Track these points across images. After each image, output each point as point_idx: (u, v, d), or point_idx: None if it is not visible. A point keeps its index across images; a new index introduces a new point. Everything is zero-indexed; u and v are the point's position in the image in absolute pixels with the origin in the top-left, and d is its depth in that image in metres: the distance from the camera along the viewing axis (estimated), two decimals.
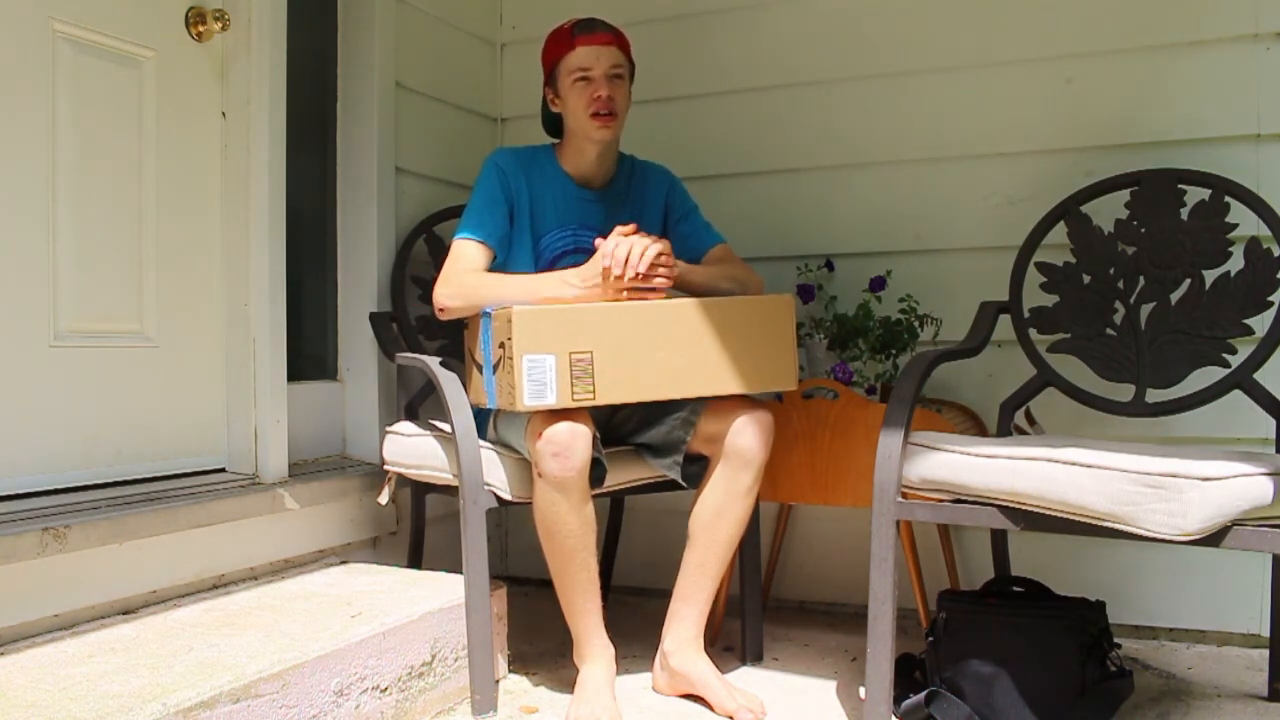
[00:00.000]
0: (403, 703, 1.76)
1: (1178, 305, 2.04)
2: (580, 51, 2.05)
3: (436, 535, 2.37)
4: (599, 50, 2.05)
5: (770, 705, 1.89)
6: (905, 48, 2.49)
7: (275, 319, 2.15)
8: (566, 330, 1.78)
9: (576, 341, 1.78)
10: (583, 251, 2.06)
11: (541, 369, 1.75)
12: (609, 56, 2.06)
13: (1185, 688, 1.99)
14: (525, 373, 1.75)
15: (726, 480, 1.93)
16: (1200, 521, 1.44)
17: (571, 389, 1.77)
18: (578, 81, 2.05)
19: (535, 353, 1.75)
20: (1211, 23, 2.22)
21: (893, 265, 2.43)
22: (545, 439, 1.76)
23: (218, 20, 2.09)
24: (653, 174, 2.24)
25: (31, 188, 1.81)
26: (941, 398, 2.40)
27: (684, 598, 1.96)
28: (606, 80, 2.05)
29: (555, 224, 2.10)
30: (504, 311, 1.79)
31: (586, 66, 2.04)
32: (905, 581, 2.05)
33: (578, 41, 2.05)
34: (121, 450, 1.97)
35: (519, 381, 1.74)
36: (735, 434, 1.91)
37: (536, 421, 1.79)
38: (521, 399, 1.75)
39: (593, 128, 2.05)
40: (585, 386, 1.77)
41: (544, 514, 1.81)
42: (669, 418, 1.99)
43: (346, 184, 2.48)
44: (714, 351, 1.88)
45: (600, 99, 2.03)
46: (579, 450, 1.76)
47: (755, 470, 1.93)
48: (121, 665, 1.49)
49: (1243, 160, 2.17)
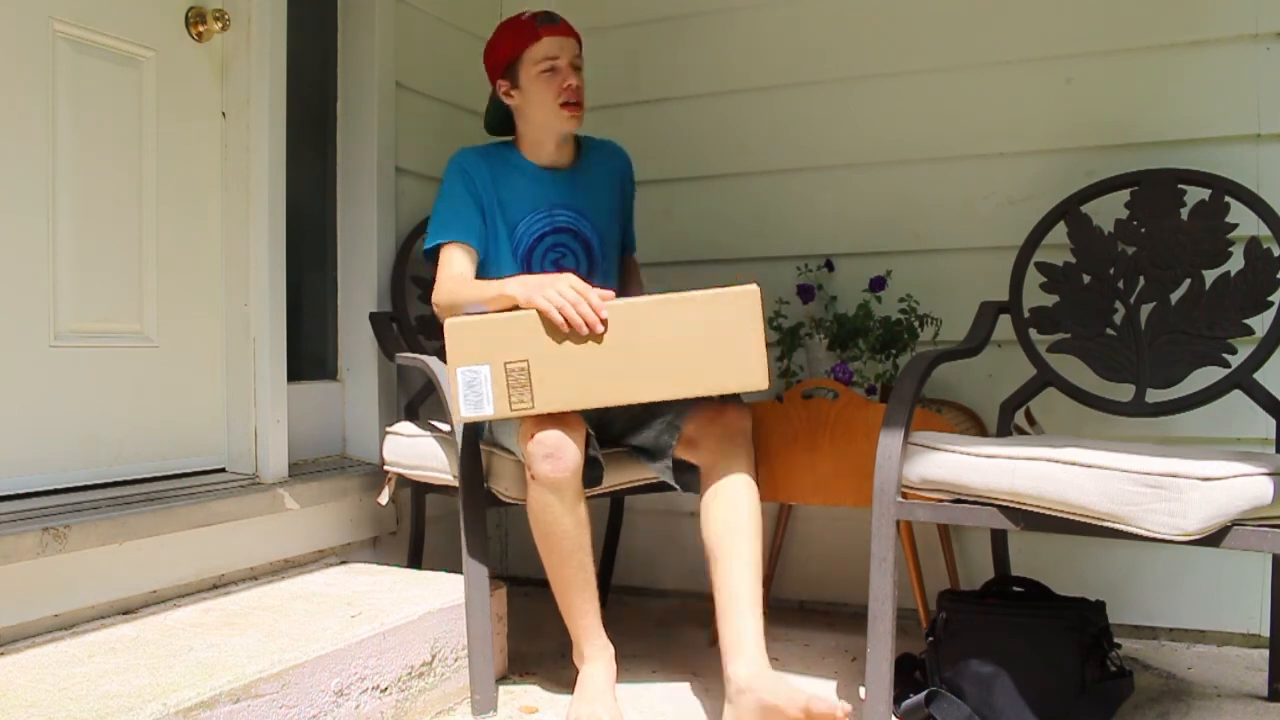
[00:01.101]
0: (403, 703, 1.76)
1: (1178, 305, 2.04)
2: (546, 41, 2.04)
3: (436, 535, 2.37)
4: (563, 41, 2.06)
5: None
6: (905, 48, 2.49)
7: (275, 319, 2.15)
8: (499, 340, 1.73)
9: (511, 351, 1.73)
10: (561, 230, 2.10)
11: (476, 380, 1.72)
12: (571, 47, 2.07)
13: (1185, 688, 1.99)
14: (460, 385, 1.72)
15: (720, 492, 1.87)
16: (1200, 521, 1.44)
17: (509, 399, 1.73)
18: (545, 72, 2.04)
19: (468, 364, 1.72)
20: (1211, 23, 2.22)
21: (893, 265, 2.43)
22: (536, 441, 1.75)
23: (218, 20, 2.09)
24: (612, 151, 2.26)
25: (31, 188, 1.81)
26: (941, 398, 2.40)
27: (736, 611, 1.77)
28: (573, 70, 2.06)
29: (529, 208, 2.10)
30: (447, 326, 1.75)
31: (554, 55, 2.04)
32: (905, 581, 2.05)
33: (543, 32, 2.05)
34: (121, 450, 1.97)
35: (456, 394, 1.72)
36: (711, 441, 1.88)
37: (528, 424, 1.78)
38: (458, 410, 1.73)
39: (563, 117, 2.06)
40: (522, 396, 1.73)
41: (538, 516, 1.80)
42: (655, 421, 1.98)
43: (346, 184, 2.48)
44: (667, 352, 1.76)
45: (571, 88, 2.04)
46: (570, 452, 1.75)
47: (741, 473, 1.88)
48: (121, 665, 1.49)
49: (1243, 160, 2.17)
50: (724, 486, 1.88)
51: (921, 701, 1.74)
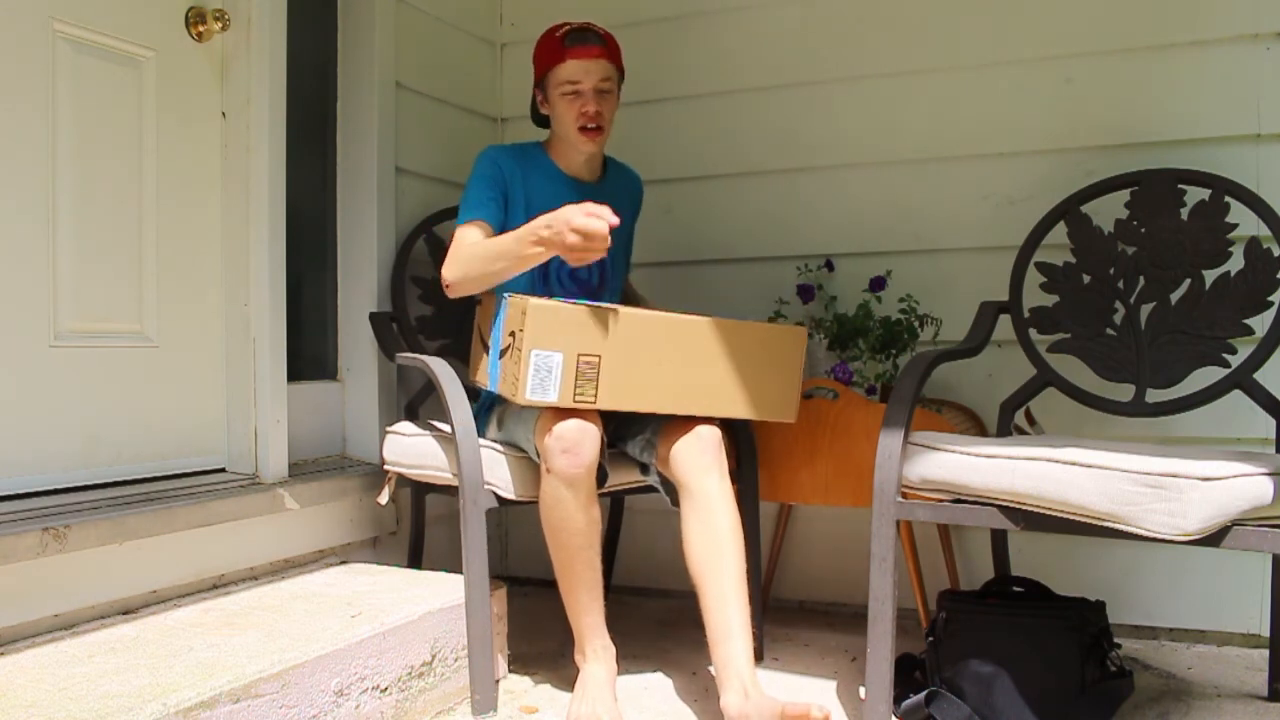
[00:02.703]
0: (403, 703, 1.76)
1: (1178, 305, 2.04)
2: (570, 65, 2.06)
3: (436, 535, 2.37)
4: (589, 65, 2.07)
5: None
6: (906, 48, 2.49)
7: (275, 319, 2.15)
8: (578, 331, 1.77)
9: (587, 343, 1.77)
10: None
11: (548, 366, 1.75)
12: (598, 70, 2.07)
13: (1185, 688, 1.99)
14: (531, 367, 1.74)
15: (695, 515, 1.84)
16: (1200, 521, 1.44)
17: (574, 390, 1.76)
18: (566, 94, 2.07)
19: (544, 349, 1.75)
20: (1211, 23, 2.22)
21: (893, 265, 2.43)
22: (555, 435, 1.76)
23: (218, 20, 2.09)
24: (633, 177, 2.31)
25: (32, 188, 1.81)
26: (941, 398, 2.40)
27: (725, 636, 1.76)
28: (595, 95, 2.07)
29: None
30: (520, 301, 1.77)
31: (576, 80, 2.06)
32: (905, 581, 2.05)
33: (568, 54, 2.07)
34: (121, 450, 1.97)
35: (524, 375, 1.74)
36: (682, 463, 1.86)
37: (546, 418, 1.80)
38: (524, 392, 1.74)
39: (580, 141, 2.09)
40: (588, 390, 1.77)
41: (550, 510, 1.81)
42: (633, 440, 1.99)
43: (346, 184, 2.48)
44: (721, 372, 1.87)
45: (588, 114, 2.06)
46: (588, 448, 1.76)
47: (714, 492, 1.84)
48: (121, 665, 1.49)
49: (1243, 160, 2.17)
50: (700, 505, 1.84)
51: (921, 701, 1.74)
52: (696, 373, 1.86)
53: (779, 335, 1.94)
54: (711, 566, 1.81)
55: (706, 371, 1.86)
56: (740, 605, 1.79)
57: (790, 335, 1.95)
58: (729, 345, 1.87)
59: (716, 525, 1.83)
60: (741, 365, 1.88)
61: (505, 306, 1.85)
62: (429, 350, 2.40)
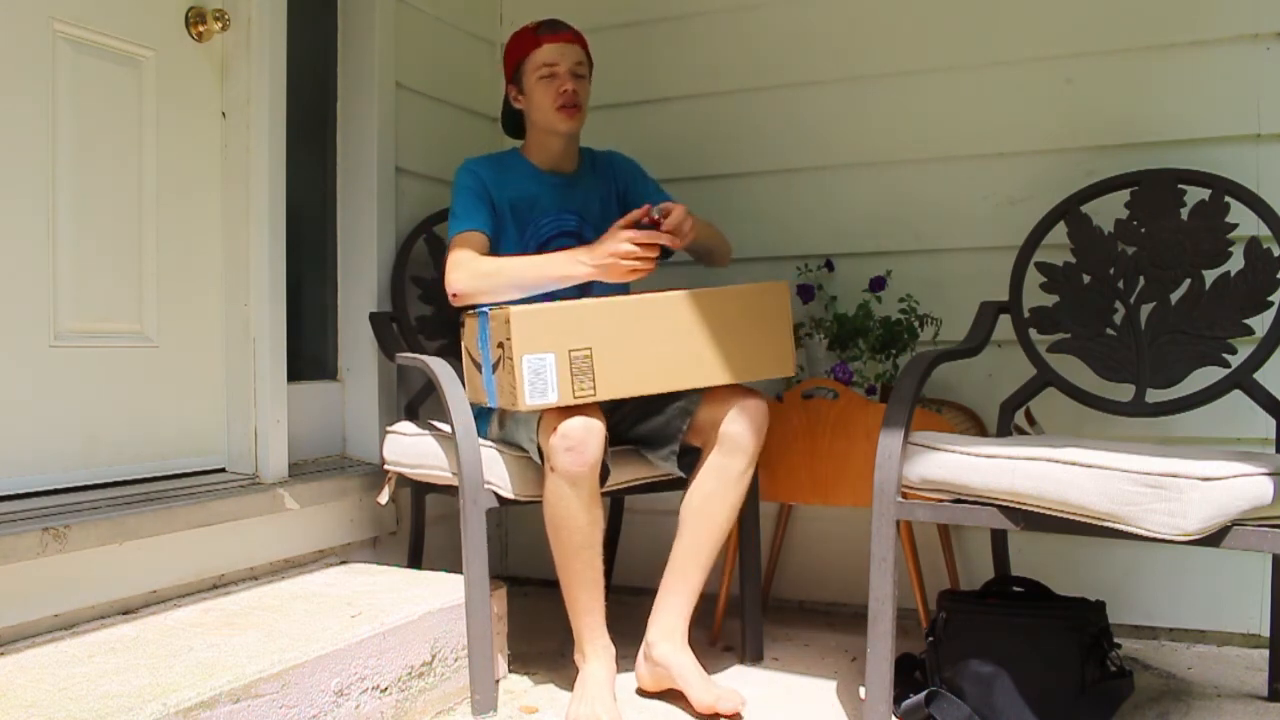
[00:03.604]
0: (403, 703, 1.76)
1: (1178, 305, 2.04)
2: (546, 48, 2.13)
3: (436, 535, 2.37)
4: (563, 47, 2.14)
5: (770, 705, 1.89)
6: (906, 48, 2.49)
7: (275, 319, 2.15)
8: (564, 328, 1.79)
9: (575, 339, 1.79)
10: (567, 234, 2.16)
11: (542, 368, 1.76)
12: (572, 54, 2.15)
13: (1185, 688, 1.99)
14: (526, 373, 1.75)
15: (718, 466, 1.94)
16: (1200, 521, 1.44)
17: (573, 386, 1.78)
18: (544, 78, 2.13)
19: (535, 352, 1.76)
20: (1211, 23, 2.22)
21: (893, 265, 2.43)
22: (560, 434, 1.77)
23: (218, 20, 2.09)
24: (616, 160, 2.32)
25: (32, 188, 1.81)
26: (941, 398, 2.40)
27: (670, 588, 1.95)
28: (571, 75, 2.13)
29: (537, 213, 2.16)
30: (501, 312, 1.79)
31: (552, 62, 2.13)
32: (905, 581, 2.05)
33: (543, 39, 2.14)
34: (121, 450, 1.97)
35: (520, 382, 1.75)
36: (729, 421, 1.94)
37: (550, 417, 1.81)
38: (523, 399, 1.75)
39: (559, 120, 2.12)
40: (585, 383, 1.78)
41: (553, 508, 1.82)
42: (669, 407, 2.01)
43: (346, 184, 2.48)
44: (710, 342, 1.89)
45: (567, 92, 2.12)
46: (592, 445, 1.77)
47: (748, 456, 1.94)
48: (121, 665, 1.49)
49: (1243, 160, 2.17)
50: (724, 469, 1.94)
51: (921, 701, 1.74)
52: (688, 346, 1.88)
53: (760, 293, 1.95)
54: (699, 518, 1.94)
55: (697, 343, 1.88)
56: (703, 567, 1.94)
57: (771, 291, 1.97)
58: (713, 313, 1.89)
59: (727, 485, 1.94)
60: (730, 330, 1.90)
61: (488, 321, 1.86)
62: (429, 350, 2.40)
